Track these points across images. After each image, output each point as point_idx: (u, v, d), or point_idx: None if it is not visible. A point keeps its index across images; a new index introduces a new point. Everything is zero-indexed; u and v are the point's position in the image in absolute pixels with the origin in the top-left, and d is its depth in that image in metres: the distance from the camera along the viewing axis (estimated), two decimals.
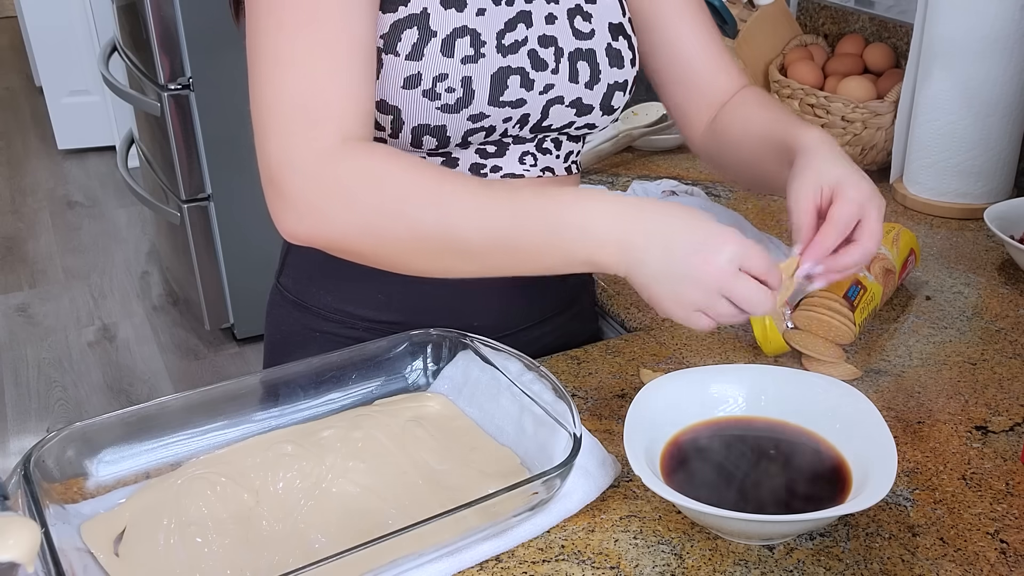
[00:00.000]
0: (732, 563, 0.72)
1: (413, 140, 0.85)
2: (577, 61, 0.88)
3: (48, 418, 2.62)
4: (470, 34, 0.82)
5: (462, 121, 0.84)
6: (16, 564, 0.59)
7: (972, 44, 1.23)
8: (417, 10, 0.81)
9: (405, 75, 0.81)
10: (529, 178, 0.93)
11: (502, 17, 0.84)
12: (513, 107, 0.86)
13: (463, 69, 0.82)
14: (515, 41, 0.85)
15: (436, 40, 0.81)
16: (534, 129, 0.89)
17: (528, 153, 0.92)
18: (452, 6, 0.82)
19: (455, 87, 0.82)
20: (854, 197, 0.80)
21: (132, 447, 0.79)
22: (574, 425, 0.75)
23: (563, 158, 0.95)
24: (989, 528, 0.75)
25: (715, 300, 0.73)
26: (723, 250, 0.73)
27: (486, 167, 0.90)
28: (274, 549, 0.71)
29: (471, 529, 0.70)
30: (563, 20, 0.88)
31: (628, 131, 1.54)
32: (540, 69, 0.86)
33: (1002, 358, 0.98)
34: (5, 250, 3.53)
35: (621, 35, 0.91)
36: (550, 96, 0.88)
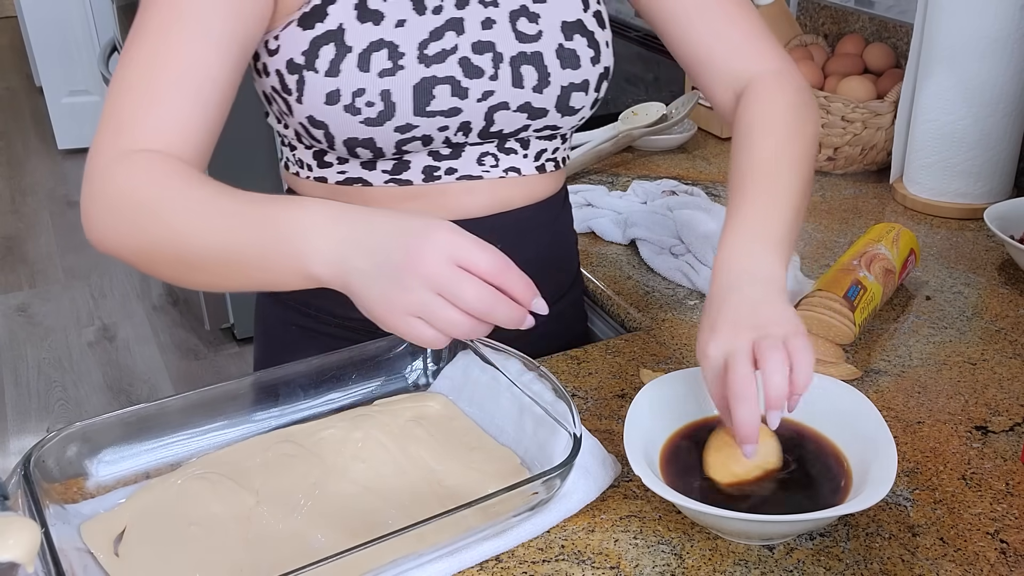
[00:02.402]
0: (732, 563, 0.72)
1: (349, 151, 0.85)
2: (520, 65, 0.86)
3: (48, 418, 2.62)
4: (387, 47, 0.81)
5: (388, 133, 0.83)
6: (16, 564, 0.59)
7: (972, 44, 1.23)
8: (333, 26, 0.80)
9: (326, 91, 0.81)
10: (489, 179, 0.91)
11: (426, 27, 0.83)
12: (446, 116, 0.84)
13: (381, 83, 0.81)
14: (442, 50, 0.83)
15: (352, 55, 0.80)
16: (483, 135, 0.88)
17: (488, 154, 0.91)
18: (368, 20, 0.81)
19: (374, 101, 0.81)
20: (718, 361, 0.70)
21: (132, 447, 0.79)
22: (574, 425, 0.75)
23: (533, 157, 0.93)
24: (989, 528, 0.75)
25: (429, 301, 0.63)
26: (431, 241, 0.63)
27: (439, 169, 0.89)
28: (274, 549, 0.71)
29: (471, 529, 0.70)
30: (503, 24, 0.86)
31: (628, 131, 1.54)
32: (474, 76, 0.84)
33: (1002, 358, 0.98)
34: (5, 250, 3.53)
35: (578, 33, 0.88)
36: (491, 103, 0.86)
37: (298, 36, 0.81)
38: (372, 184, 0.90)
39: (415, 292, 0.63)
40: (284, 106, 0.85)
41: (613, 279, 1.17)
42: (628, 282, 1.16)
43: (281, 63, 0.82)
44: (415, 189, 0.90)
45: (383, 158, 0.87)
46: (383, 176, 0.89)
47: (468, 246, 0.64)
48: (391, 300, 0.64)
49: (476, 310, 0.63)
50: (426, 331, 0.64)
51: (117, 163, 0.73)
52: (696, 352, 0.74)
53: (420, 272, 0.63)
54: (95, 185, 0.74)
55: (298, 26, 0.81)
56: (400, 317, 0.64)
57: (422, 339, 0.65)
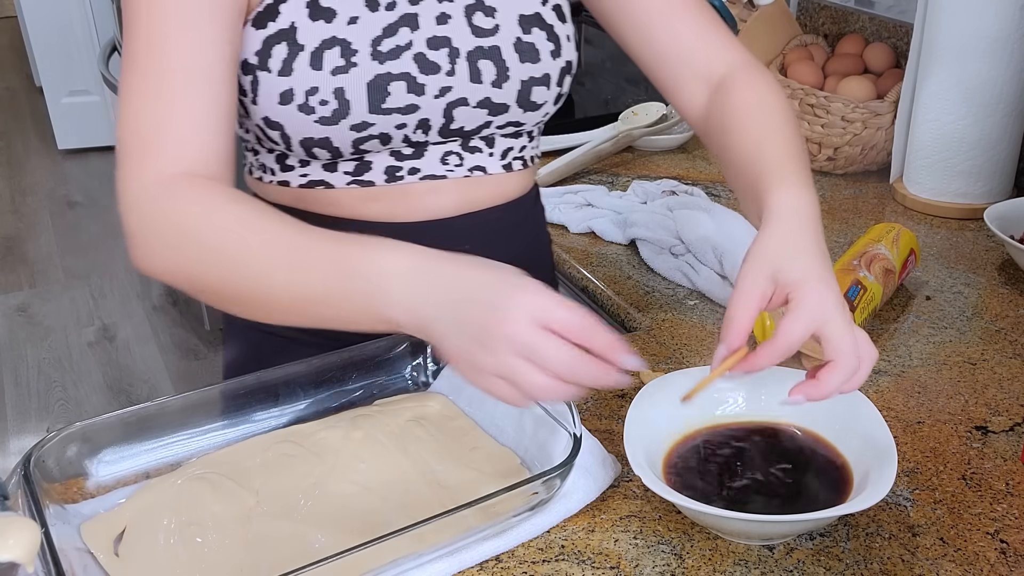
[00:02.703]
0: (732, 563, 0.72)
1: (306, 152, 0.84)
2: (478, 60, 0.85)
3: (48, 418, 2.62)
4: (340, 44, 0.80)
5: (344, 131, 0.82)
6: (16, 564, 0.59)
7: (972, 44, 1.23)
8: (286, 25, 0.80)
9: (279, 91, 0.80)
10: (454, 178, 0.90)
11: (379, 23, 0.82)
12: (403, 113, 0.83)
13: (334, 80, 0.80)
14: (396, 47, 0.82)
15: (304, 54, 0.80)
16: (444, 133, 0.87)
17: (452, 153, 0.89)
18: (320, 18, 0.80)
19: (328, 99, 0.80)
20: (813, 312, 0.68)
21: (132, 447, 0.79)
22: (574, 425, 0.75)
23: (499, 156, 0.92)
24: (989, 528, 0.75)
25: (515, 366, 0.62)
26: (516, 303, 0.63)
27: (402, 169, 0.88)
28: (274, 549, 0.71)
29: (471, 529, 0.70)
30: (459, 18, 0.85)
31: (628, 131, 1.54)
32: (430, 72, 0.83)
33: (1002, 358, 0.98)
34: (5, 250, 3.53)
35: (536, 26, 0.87)
36: (449, 99, 0.85)
37: (252, 36, 0.80)
38: (334, 186, 0.88)
39: (500, 355, 0.63)
40: (241, 108, 0.84)
41: (613, 279, 1.17)
42: (628, 282, 1.16)
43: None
44: (378, 190, 0.88)
45: (343, 158, 0.86)
46: (345, 178, 0.88)
47: (553, 307, 0.63)
48: (476, 360, 0.64)
49: (563, 374, 0.63)
50: (511, 393, 0.64)
51: (160, 192, 0.73)
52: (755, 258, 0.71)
53: (505, 335, 0.62)
54: (140, 215, 0.73)
55: (252, 26, 0.80)
56: (485, 377, 0.64)
57: (508, 400, 0.65)
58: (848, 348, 0.68)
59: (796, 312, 0.68)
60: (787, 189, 0.75)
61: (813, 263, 0.70)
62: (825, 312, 0.68)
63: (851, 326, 0.69)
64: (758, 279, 0.70)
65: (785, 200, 0.74)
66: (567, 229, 1.30)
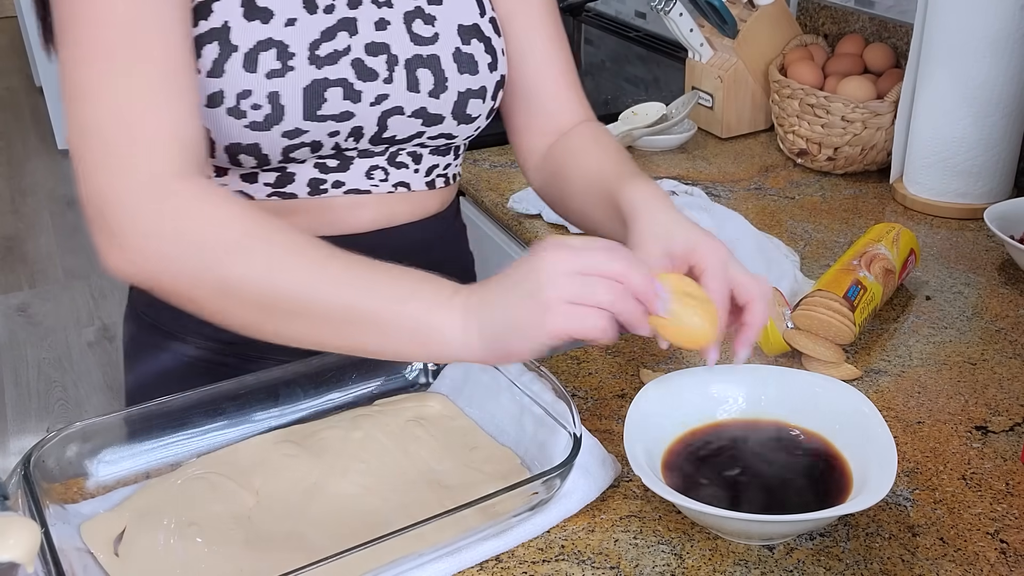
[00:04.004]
0: (732, 563, 0.72)
1: (230, 159, 0.81)
2: (416, 69, 0.83)
3: (48, 418, 2.62)
4: (276, 46, 0.77)
5: (276, 138, 0.79)
6: (16, 564, 0.59)
7: (972, 44, 1.23)
8: (218, 23, 0.76)
9: (207, 93, 0.77)
10: (378, 194, 0.88)
11: (317, 26, 0.79)
12: (338, 120, 0.81)
13: (269, 84, 0.77)
14: (334, 51, 0.80)
15: (238, 55, 0.76)
16: (375, 141, 0.85)
17: (377, 167, 0.87)
18: (256, 18, 0.77)
19: (261, 103, 0.77)
20: (717, 267, 0.73)
21: (132, 447, 0.79)
22: (574, 425, 0.75)
23: (424, 172, 0.90)
24: (989, 528, 0.75)
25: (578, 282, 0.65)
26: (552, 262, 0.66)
27: (326, 182, 0.86)
28: (274, 549, 0.71)
29: (471, 529, 0.70)
30: (398, 25, 0.83)
31: (628, 131, 1.54)
32: (368, 79, 0.81)
33: (1002, 358, 0.98)
34: (5, 250, 3.53)
35: (475, 37, 0.86)
36: (384, 107, 0.83)
37: None
38: (253, 198, 0.85)
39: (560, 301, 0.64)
40: None
41: None
42: None
43: None
44: (300, 203, 0.86)
45: (266, 168, 0.83)
46: (266, 189, 0.85)
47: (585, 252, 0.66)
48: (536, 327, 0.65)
49: (611, 304, 0.65)
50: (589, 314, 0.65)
51: (161, 192, 0.69)
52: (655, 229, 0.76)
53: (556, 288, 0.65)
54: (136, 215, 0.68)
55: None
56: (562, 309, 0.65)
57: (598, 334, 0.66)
58: (754, 283, 0.74)
59: (708, 272, 0.74)
60: (639, 183, 0.80)
61: (692, 229, 0.75)
62: (726, 262, 0.74)
63: (740, 264, 0.75)
64: (655, 256, 0.75)
65: (641, 191, 0.79)
66: (567, 229, 1.30)
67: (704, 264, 0.74)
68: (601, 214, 0.84)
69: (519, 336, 0.66)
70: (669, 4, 1.55)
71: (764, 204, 1.37)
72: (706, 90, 1.62)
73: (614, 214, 0.81)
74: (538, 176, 0.96)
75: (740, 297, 0.75)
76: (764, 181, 1.45)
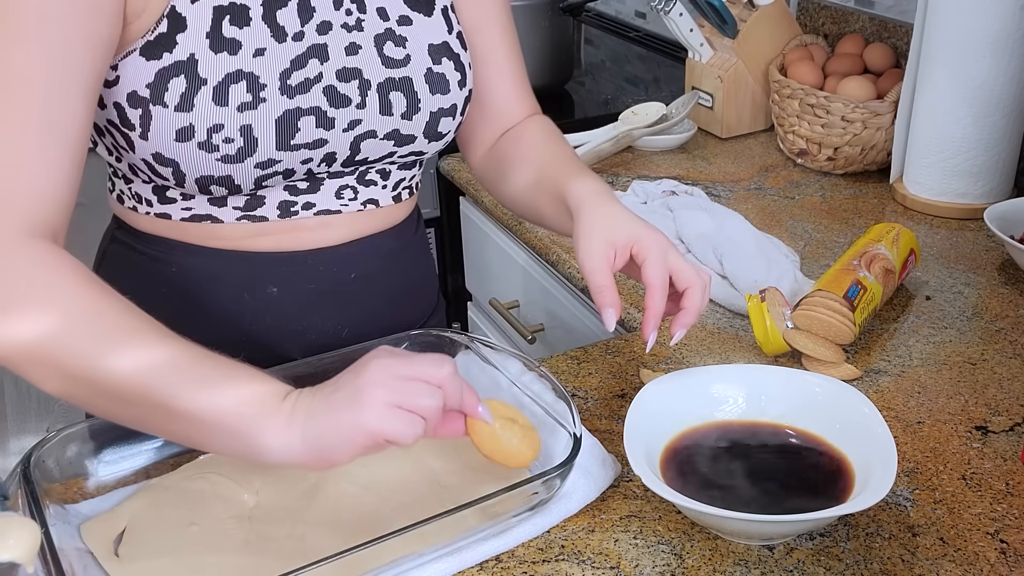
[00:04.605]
0: (732, 563, 0.72)
1: (200, 188, 0.80)
2: (389, 92, 0.83)
3: (48, 418, 2.62)
4: (246, 78, 0.76)
5: (249, 169, 0.79)
6: (16, 564, 0.59)
7: (972, 44, 1.23)
8: (183, 56, 0.74)
9: (176, 128, 0.75)
10: (348, 213, 0.88)
11: (287, 55, 0.78)
12: (311, 148, 0.80)
13: (241, 117, 0.76)
14: (305, 80, 0.79)
15: (207, 88, 0.75)
16: (347, 164, 0.85)
17: (347, 187, 0.87)
18: (224, 49, 0.75)
19: (233, 137, 0.76)
20: (657, 255, 0.79)
21: (132, 447, 0.79)
22: (574, 425, 0.75)
23: (391, 187, 0.90)
24: (989, 528, 0.75)
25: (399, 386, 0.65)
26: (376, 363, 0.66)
27: (297, 204, 0.85)
28: (274, 549, 0.71)
29: (471, 529, 0.70)
30: (369, 49, 0.82)
31: (628, 131, 1.54)
32: (341, 106, 0.81)
33: (1002, 358, 0.98)
34: None
35: (445, 56, 0.86)
36: (357, 132, 0.82)
37: (141, 67, 0.74)
38: (223, 221, 0.85)
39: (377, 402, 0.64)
40: (123, 141, 0.78)
41: None
42: (628, 282, 1.16)
43: (121, 96, 0.75)
44: (270, 225, 0.86)
45: (237, 194, 0.83)
46: (235, 212, 0.84)
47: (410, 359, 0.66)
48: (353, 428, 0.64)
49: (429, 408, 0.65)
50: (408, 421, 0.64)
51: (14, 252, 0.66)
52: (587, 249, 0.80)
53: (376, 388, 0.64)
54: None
55: (141, 55, 0.74)
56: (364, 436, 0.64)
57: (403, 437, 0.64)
58: (693, 271, 0.80)
59: (649, 259, 0.79)
60: (584, 178, 0.85)
61: (634, 221, 0.81)
62: (666, 251, 0.79)
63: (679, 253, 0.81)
64: (601, 250, 0.79)
65: (585, 186, 0.83)
66: None
67: (644, 254, 0.79)
68: (548, 207, 0.88)
69: (337, 438, 0.64)
70: (669, 4, 1.55)
71: (764, 204, 1.37)
72: (706, 90, 1.62)
73: (561, 208, 0.85)
74: (482, 163, 0.99)
75: (679, 284, 0.80)
76: (764, 181, 1.45)
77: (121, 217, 0.90)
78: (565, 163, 0.89)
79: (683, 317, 0.80)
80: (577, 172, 0.86)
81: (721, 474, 0.76)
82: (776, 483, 0.75)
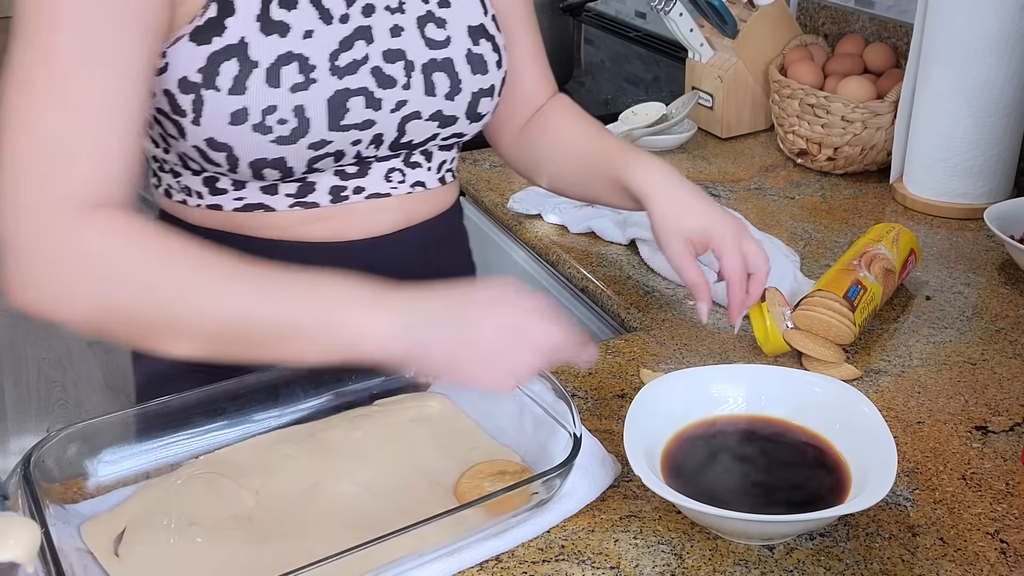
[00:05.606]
0: (732, 563, 0.72)
1: (254, 174, 0.81)
2: (432, 73, 0.84)
3: (48, 418, 2.62)
4: (297, 60, 0.77)
5: (302, 151, 0.79)
6: (16, 564, 0.59)
7: (972, 44, 1.23)
8: (235, 40, 0.75)
9: (230, 111, 0.76)
10: (398, 196, 0.89)
11: (335, 37, 0.79)
12: (360, 129, 0.81)
13: (293, 98, 0.77)
14: (353, 61, 0.80)
15: (259, 70, 0.76)
16: (393, 147, 0.86)
17: (395, 170, 0.88)
18: (274, 32, 0.76)
19: (287, 118, 0.77)
20: (732, 248, 0.88)
21: (132, 447, 0.79)
22: (574, 425, 0.75)
23: (435, 169, 0.92)
24: (989, 528, 0.75)
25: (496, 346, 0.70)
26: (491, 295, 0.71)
27: (347, 189, 0.86)
28: (274, 549, 0.71)
29: (471, 529, 0.70)
30: (412, 31, 0.83)
31: (628, 131, 1.54)
32: (387, 86, 0.82)
33: (1002, 358, 0.98)
34: None
35: (483, 37, 0.87)
36: (404, 113, 0.83)
37: (191, 52, 0.75)
38: (275, 209, 0.85)
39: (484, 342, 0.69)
40: (174, 129, 0.79)
41: (613, 279, 1.17)
42: (628, 282, 1.16)
43: (171, 82, 0.76)
44: (322, 211, 0.86)
45: (288, 180, 0.83)
46: (287, 200, 0.85)
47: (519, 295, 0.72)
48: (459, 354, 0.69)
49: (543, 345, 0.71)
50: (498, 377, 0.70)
51: (68, 218, 0.67)
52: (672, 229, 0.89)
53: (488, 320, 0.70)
54: (38, 243, 0.67)
55: (191, 41, 0.75)
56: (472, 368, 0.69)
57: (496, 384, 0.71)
58: (763, 258, 0.90)
59: (725, 254, 0.88)
60: (644, 160, 0.91)
61: (703, 211, 0.89)
62: (739, 240, 0.88)
63: (751, 236, 0.90)
64: (682, 248, 0.89)
65: (653, 175, 0.90)
66: (567, 229, 1.30)
67: (720, 249, 0.88)
68: (605, 190, 0.95)
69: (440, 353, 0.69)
70: (669, 4, 1.55)
71: (764, 204, 1.37)
72: (706, 90, 1.62)
73: (620, 191, 0.93)
74: (513, 148, 1.03)
75: (748, 267, 0.90)
76: (764, 181, 1.45)
77: (169, 212, 0.90)
78: (612, 146, 0.95)
79: (747, 301, 0.91)
80: (632, 155, 0.92)
81: (721, 474, 0.76)
82: (776, 483, 0.75)
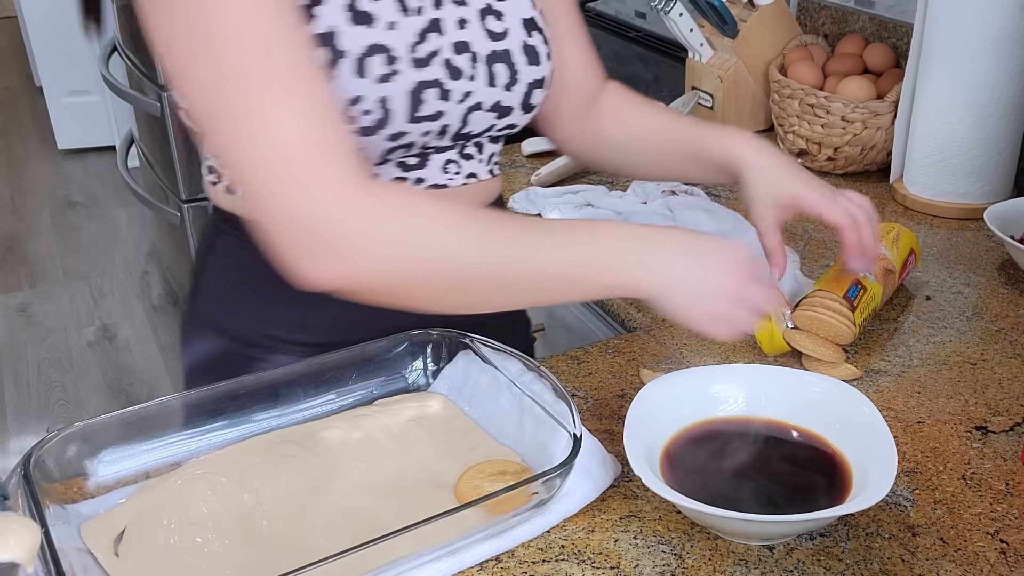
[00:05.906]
0: (732, 563, 0.72)
1: None
2: (493, 64, 0.85)
3: (48, 418, 2.62)
4: (382, 51, 0.78)
5: (381, 142, 0.80)
6: (16, 564, 0.59)
7: (972, 44, 1.23)
8: (324, 29, 0.76)
9: None
10: (454, 187, 0.89)
11: (414, 28, 0.80)
12: (431, 120, 0.82)
13: (378, 89, 0.77)
14: (429, 52, 0.81)
15: (347, 61, 0.76)
16: (454, 137, 0.86)
17: (451, 161, 0.89)
18: (362, 23, 0.77)
19: (372, 109, 0.78)
20: (827, 201, 0.91)
21: (132, 447, 0.79)
22: (574, 425, 0.75)
23: (486, 161, 0.92)
24: (989, 528, 0.75)
25: (730, 310, 0.77)
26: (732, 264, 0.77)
27: (408, 180, 0.87)
28: (274, 549, 0.71)
29: (471, 529, 0.70)
30: (475, 23, 0.84)
31: None
32: (456, 78, 0.82)
33: (1002, 358, 0.98)
34: (5, 250, 3.53)
35: (535, 30, 0.88)
36: (469, 104, 0.84)
37: None
38: None
39: (721, 303, 0.76)
40: None
41: None
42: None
43: None
44: None
45: None
46: None
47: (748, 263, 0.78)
48: (697, 308, 0.76)
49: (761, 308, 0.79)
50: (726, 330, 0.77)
51: (367, 189, 0.70)
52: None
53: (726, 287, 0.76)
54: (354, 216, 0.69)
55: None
56: (705, 321, 0.77)
57: (723, 335, 0.78)
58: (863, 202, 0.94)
59: (824, 209, 0.91)
60: (736, 135, 0.95)
61: (793, 179, 0.93)
62: (832, 196, 0.92)
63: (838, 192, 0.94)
64: (771, 214, 0.92)
65: (745, 143, 0.94)
66: None
67: (815, 208, 0.91)
68: (694, 169, 0.99)
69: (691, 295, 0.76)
70: (669, 4, 1.55)
71: None
72: (706, 90, 1.62)
73: (709, 165, 0.96)
74: (581, 137, 1.04)
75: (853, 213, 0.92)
76: None
77: (228, 209, 0.89)
78: (696, 126, 0.99)
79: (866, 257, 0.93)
80: (724, 133, 0.96)
81: (721, 474, 0.76)
82: (776, 483, 0.75)
